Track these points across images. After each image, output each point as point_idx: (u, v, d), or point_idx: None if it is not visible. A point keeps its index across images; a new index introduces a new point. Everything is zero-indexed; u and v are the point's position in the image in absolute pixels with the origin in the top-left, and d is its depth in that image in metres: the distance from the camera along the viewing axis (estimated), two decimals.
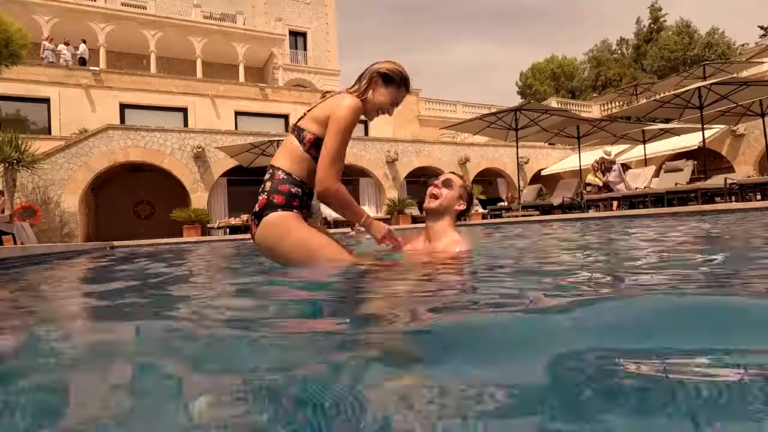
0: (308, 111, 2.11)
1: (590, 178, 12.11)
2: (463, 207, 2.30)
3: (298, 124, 2.10)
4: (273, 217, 1.98)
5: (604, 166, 11.44)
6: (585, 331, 0.79)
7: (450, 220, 2.29)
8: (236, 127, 19.42)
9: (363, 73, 2.15)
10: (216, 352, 0.81)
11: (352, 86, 2.16)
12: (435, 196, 2.26)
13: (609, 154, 12.06)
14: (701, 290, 1.19)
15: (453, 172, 2.40)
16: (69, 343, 0.98)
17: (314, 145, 2.03)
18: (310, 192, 2.10)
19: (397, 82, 2.14)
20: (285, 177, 2.03)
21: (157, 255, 4.89)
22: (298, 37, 28.67)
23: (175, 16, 23.77)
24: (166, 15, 23.48)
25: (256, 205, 2.05)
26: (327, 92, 2.22)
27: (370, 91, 2.11)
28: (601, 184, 11.28)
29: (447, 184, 2.28)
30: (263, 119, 19.80)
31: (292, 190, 2.02)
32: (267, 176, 2.09)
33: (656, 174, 11.41)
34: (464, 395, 0.55)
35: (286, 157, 2.06)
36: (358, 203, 2.36)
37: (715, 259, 1.84)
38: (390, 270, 1.98)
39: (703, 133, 11.05)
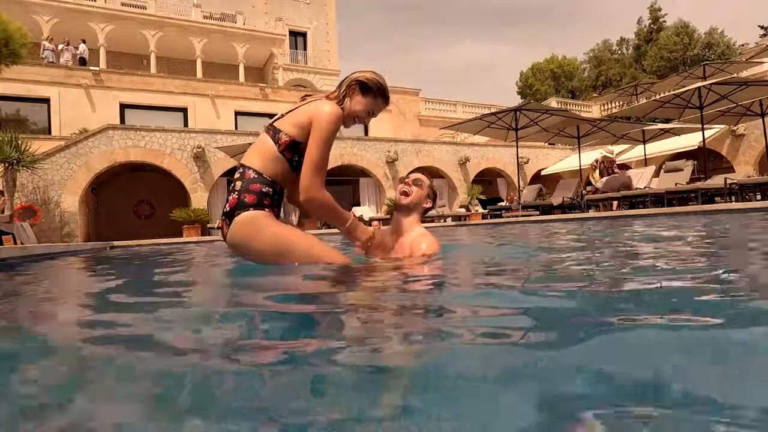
0: (287, 112, 2.12)
1: (590, 177, 12.10)
2: (429, 205, 2.46)
3: (275, 124, 2.10)
4: (245, 216, 1.99)
5: (603, 165, 11.41)
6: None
7: (417, 216, 2.43)
8: (236, 127, 19.44)
9: (343, 81, 2.18)
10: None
11: (332, 92, 2.18)
12: (406, 194, 2.39)
13: (611, 153, 12.02)
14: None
15: (421, 173, 2.53)
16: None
17: (289, 147, 2.04)
18: (281, 191, 2.11)
19: (374, 91, 2.16)
20: (256, 176, 2.03)
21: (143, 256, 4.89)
22: (298, 37, 28.66)
23: (175, 16, 23.76)
24: (166, 15, 23.47)
25: (227, 204, 2.05)
26: (306, 95, 2.23)
27: (348, 98, 2.13)
28: (597, 184, 11.28)
29: (417, 183, 2.41)
30: (263, 119, 19.79)
31: (263, 189, 2.02)
32: (237, 175, 2.09)
33: (656, 174, 11.41)
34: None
35: (259, 157, 2.07)
36: (359, 203, 2.44)
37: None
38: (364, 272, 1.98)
39: (703, 133, 11.05)
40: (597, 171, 11.51)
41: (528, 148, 19.09)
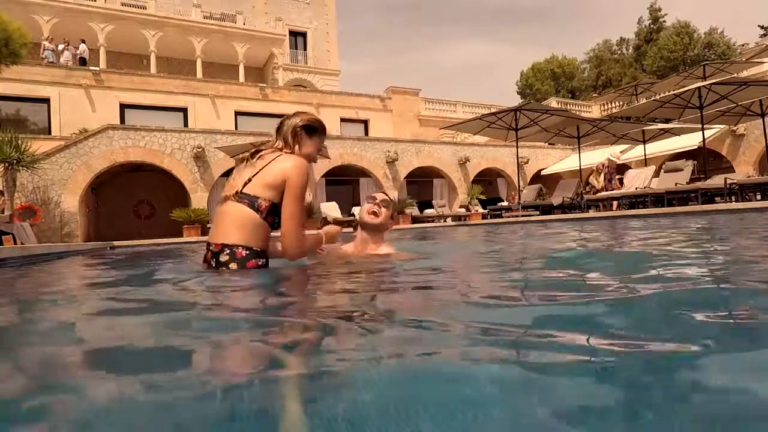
0: (253, 176, 2.04)
1: (592, 179, 12.06)
2: (393, 226, 2.69)
3: (245, 191, 2.02)
4: None
5: (608, 170, 11.40)
6: None
7: (382, 235, 2.59)
8: (236, 127, 19.42)
9: (283, 130, 2.16)
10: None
11: (276, 142, 2.16)
12: (376, 214, 2.50)
13: (618, 158, 11.99)
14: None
15: (384, 193, 2.69)
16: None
17: (270, 212, 2.01)
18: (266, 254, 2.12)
19: (318, 130, 2.20)
20: (247, 253, 2.00)
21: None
22: (298, 37, 28.65)
23: (175, 16, 23.75)
24: (166, 15, 23.46)
25: None
26: (255, 150, 2.17)
27: (297, 145, 2.14)
28: (599, 188, 11.29)
29: (386, 204, 2.54)
30: (263, 119, 19.78)
31: (259, 262, 2.03)
32: (226, 258, 2.00)
33: (656, 174, 11.40)
34: None
35: (242, 230, 2.00)
36: (359, 203, 2.55)
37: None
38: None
39: (703, 133, 11.05)
40: (601, 175, 11.49)
41: (528, 148, 19.09)
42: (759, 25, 34.00)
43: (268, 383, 0.64)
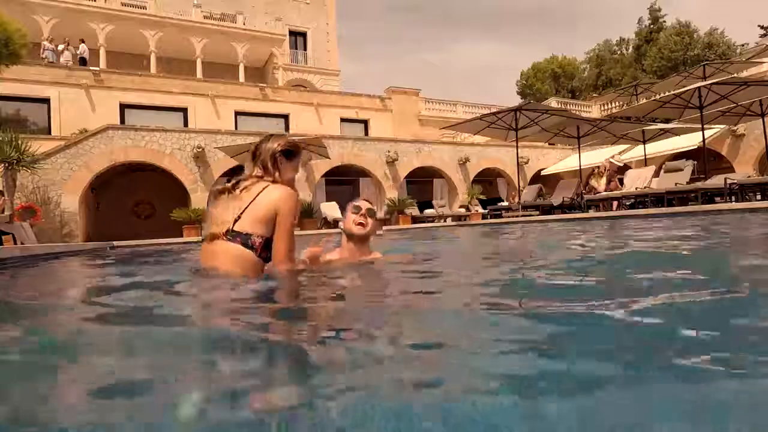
0: (242, 212, 1.98)
1: (593, 181, 12.04)
2: (378, 233, 2.70)
3: (235, 228, 1.96)
4: None
5: (609, 171, 11.40)
6: None
7: (368, 244, 2.63)
8: (236, 127, 19.42)
9: (262, 158, 2.13)
10: None
11: (255, 172, 2.12)
12: (363, 225, 2.54)
13: (620, 161, 12.00)
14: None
15: (367, 200, 2.69)
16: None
17: (265, 247, 1.98)
18: None
19: (295, 153, 2.19)
20: None
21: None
22: (298, 37, 28.65)
23: (175, 16, 23.74)
24: (166, 15, 23.46)
25: None
26: (236, 183, 2.10)
27: (277, 171, 2.12)
28: (600, 190, 11.30)
29: (372, 214, 2.57)
30: (263, 119, 19.78)
31: None
32: None
33: (656, 174, 11.40)
34: None
35: (237, 270, 1.94)
36: None
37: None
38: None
39: (703, 133, 11.04)
40: (603, 177, 11.48)
41: (528, 148, 19.07)
42: (759, 25, 33.99)
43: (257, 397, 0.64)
